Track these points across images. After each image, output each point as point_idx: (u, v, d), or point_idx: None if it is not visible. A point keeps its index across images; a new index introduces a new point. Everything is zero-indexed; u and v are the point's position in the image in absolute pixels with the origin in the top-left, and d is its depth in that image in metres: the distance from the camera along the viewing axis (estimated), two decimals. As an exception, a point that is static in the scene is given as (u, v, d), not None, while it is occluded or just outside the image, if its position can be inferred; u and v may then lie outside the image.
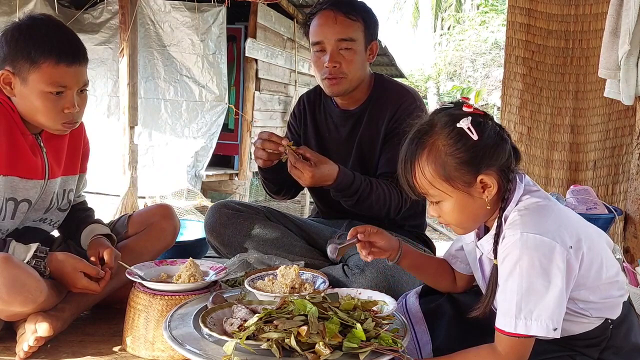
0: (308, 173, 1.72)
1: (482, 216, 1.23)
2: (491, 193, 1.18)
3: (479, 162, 1.17)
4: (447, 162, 1.17)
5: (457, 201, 1.19)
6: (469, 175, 1.17)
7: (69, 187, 1.78)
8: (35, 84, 1.52)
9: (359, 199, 1.84)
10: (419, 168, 1.20)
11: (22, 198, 1.61)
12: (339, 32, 1.86)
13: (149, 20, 6.68)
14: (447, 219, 1.24)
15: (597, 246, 1.21)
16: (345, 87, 1.92)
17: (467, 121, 1.15)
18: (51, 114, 1.56)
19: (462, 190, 1.18)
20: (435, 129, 1.19)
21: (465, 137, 1.15)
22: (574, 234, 1.16)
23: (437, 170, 1.17)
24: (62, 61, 1.52)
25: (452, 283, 1.50)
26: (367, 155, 1.97)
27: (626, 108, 3.03)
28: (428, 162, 1.18)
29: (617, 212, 2.53)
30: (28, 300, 1.44)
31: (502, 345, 1.15)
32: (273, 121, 8.10)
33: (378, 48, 1.97)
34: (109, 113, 6.81)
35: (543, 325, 1.11)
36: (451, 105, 1.22)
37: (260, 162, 1.83)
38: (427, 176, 1.19)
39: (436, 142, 1.18)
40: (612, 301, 1.23)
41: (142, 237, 1.88)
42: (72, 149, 1.78)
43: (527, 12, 3.33)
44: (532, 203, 1.19)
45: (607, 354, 1.25)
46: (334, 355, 1.09)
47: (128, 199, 5.68)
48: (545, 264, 1.11)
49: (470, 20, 15.18)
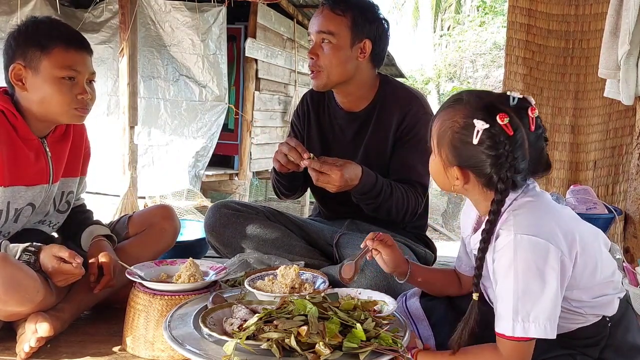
0: (337, 173, 1.69)
1: (448, 189, 1.28)
2: (459, 184, 1.22)
3: (461, 159, 1.19)
4: (446, 132, 1.21)
5: (436, 163, 1.26)
6: (451, 157, 1.21)
7: (68, 189, 1.78)
8: (47, 70, 1.56)
9: (381, 201, 1.82)
10: (436, 116, 1.26)
11: (26, 203, 1.62)
12: (319, 24, 1.88)
13: (150, 20, 6.68)
14: (429, 169, 1.31)
15: (592, 246, 1.21)
16: (323, 81, 1.90)
17: (481, 125, 1.14)
18: (65, 99, 1.59)
19: (442, 160, 1.23)
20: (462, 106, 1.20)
21: (470, 134, 1.16)
22: (568, 233, 1.16)
23: (439, 130, 1.23)
24: (71, 46, 1.59)
25: (458, 290, 1.51)
26: (373, 160, 1.94)
27: (626, 108, 3.03)
28: (441, 119, 1.23)
29: (617, 212, 2.53)
30: (25, 300, 1.44)
31: (503, 348, 1.15)
32: (273, 121, 8.10)
33: (371, 48, 1.91)
34: (108, 112, 6.82)
35: (541, 326, 1.11)
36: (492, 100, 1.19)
37: (277, 165, 1.82)
38: (434, 127, 1.25)
39: (455, 115, 1.20)
40: (606, 298, 1.23)
41: (143, 237, 1.88)
42: (74, 152, 1.78)
43: (528, 12, 3.33)
44: (525, 202, 1.19)
45: (607, 353, 1.25)
46: (334, 355, 1.09)
47: (128, 199, 5.67)
48: (540, 265, 1.11)
49: (470, 21, 15.19)
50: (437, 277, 1.53)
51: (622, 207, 2.92)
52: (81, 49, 1.62)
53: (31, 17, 1.64)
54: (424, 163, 1.95)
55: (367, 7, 1.92)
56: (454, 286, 1.51)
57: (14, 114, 1.59)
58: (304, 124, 2.13)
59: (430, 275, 1.53)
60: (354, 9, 1.87)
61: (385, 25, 1.96)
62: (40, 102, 1.59)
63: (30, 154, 1.62)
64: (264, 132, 7.85)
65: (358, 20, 1.87)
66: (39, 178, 1.64)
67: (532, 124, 1.16)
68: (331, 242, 2.01)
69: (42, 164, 1.65)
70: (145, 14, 6.58)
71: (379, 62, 1.99)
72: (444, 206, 11.85)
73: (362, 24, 1.88)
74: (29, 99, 1.59)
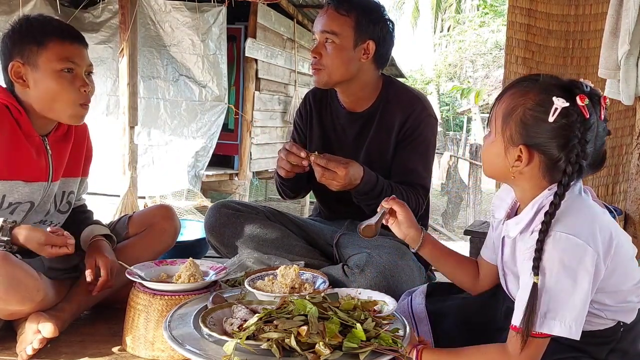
0: (343, 171, 1.70)
1: (501, 176, 1.26)
2: (518, 167, 1.19)
3: (529, 137, 1.17)
4: (516, 110, 1.18)
5: (495, 145, 1.22)
6: (517, 136, 1.18)
7: (69, 189, 1.78)
8: (46, 64, 1.57)
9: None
10: (502, 95, 1.23)
11: (24, 200, 1.62)
12: (323, 24, 1.88)
13: (150, 20, 6.68)
14: (483, 154, 1.28)
15: (626, 252, 1.20)
16: (324, 79, 1.91)
17: (561, 102, 1.13)
18: (69, 93, 1.60)
19: (504, 140, 1.20)
20: (538, 84, 1.19)
21: (546, 111, 1.14)
22: (606, 237, 1.14)
23: (507, 107, 1.19)
24: (66, 38, 1.61)
25: (473, 281, 1.48)
26: (375, 160, 1.94)
27: (626, 108, 3.02)
28: (511, 97, 1.20)
29: (617, 212, 2.52)
30: (25, 299, 1.44)
31: (515, 345, 1.13)
32: (273, 121, 8.10)
33: (375, 49, 1.90)
34: (108, 112, 6.82)
35: (566, 326, 1.09)
36: (581, 85, 1.19)
37: (283, 172, 1.83)
38: (500, 105, 1.22)
39: (529, 92, 1.18)
40: (628, 306, 1.23)
41: (143, 237, 1.88)
42: (75, 151, 1.78)
43: (528, 12, 3.33)
44: (568, 200, 1.17)
45: (613, 357, 1.24)
46: (334, 355, 1.09)
47: (128, 199, 5.67)
48: (575, 265, 1.10)
49: (470, 21, 15.19)
50: (451, 257, 1.50)
51: (622, 207, 2.92)
52: (76, 41, 1.64)
53: (24, 16, 1.65)
54: (425, 165, 1.96)
55: (372, 7, 1.91)
56: (468, 275, 1.48)
57: (18, 109, 1.59)
58: (307, 123, 2.13)
59: (444, 252, 1.50)
60: (358, 10, 1.87)
61: (390, 26, 1.95)
62: (44, 98, 1.59)
63: (31, 150, 1.62)
64: (264, 132, 7.85)
65: (362, 21, 1.87)
66: (38, 175, 1.64)
67: (603, 113, 1.17)
68: (331, 242, 2.01)
69: (42, 161, 1.65)
70: (145, 14, 6.59)
71: (382, 63, 1.98)
72: (444, 206, 11.85)
73: (366, 24, 1.87)
74: (30, 96, 1.60)
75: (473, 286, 1.49)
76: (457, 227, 10.62)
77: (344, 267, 1.81)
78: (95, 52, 6.67)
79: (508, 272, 1.30)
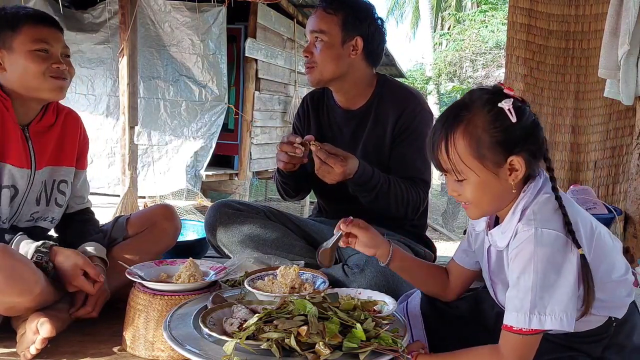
0: (340, 169, 1.73)
1: (503, 200, 1.22)
2: (517, 177, 1.18)
3: (513, 144, 1.16)
4: (482, 139, 1.16)
5: (482, 181, 1.18)
6: (500, 156, 1.16)
7: (59, 177, 1.77)
8: (20, 46, 1.62)
9: (378, 194, 1.84)
10: (452, 141, 1.18)
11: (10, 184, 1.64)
12: (313, 24, 1.94)
13: (149, 20, 6.68)
14: (467, 198, 1.21)
15: (609, 243, 1.22)
16: (316, 77, 1.95)
17: (509, 102, 1.15)
18: (39, 67, 1.63)
19: (490, 171, 1.17)
20: (475, 105, 1.18)
21: (504, 118, 1.15)
22: (587, 229, 1.17)
23: (471, 146, 1.16)
24: (39, 22, 1.65)
25: (441, 290, 1.48)
26: (372, 157, 1.96)
27: (626, 108, 3.03)
28: (464, 136, 1.17)
29: (617, 212, 2.53)
30: (25, 291, 1.45)
31: (507, 345, 1.13)
32: (273, 121, 8.10)
33: (363, 45, 1.93)
34: (108, 113, 6.82)
35: (557, 318, 1.10)
36: (490, 88, 1.21)
37: (282, 164, 1.85)
38: (459, 150, 1.17)
39: (474, 118, 1.16)
40: (618, 301, 1.24)
41: (143, 237, 1.88)
42: (64, 140, 1.79)
43: (528, 12, 3.33)
44: (544, 198, 1.19)
45: (610, 353, 1.25)
46: (334, 355, 1.09)
47: (128, 199, 5.67)
48: (559, 259, 1.11)
49: (470, 19, 15.18)
50: (421, 268, 1.49)
51: (622, 207, 2.92)
52: (50, 25, 1.68)
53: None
54: (423, 159, 1.96)
55: (360, 6, 1.96)
56: (438, 284, 1.48)
57: (2, 95, 1.63)
58: (304, 124, 2.15)
59: (413, 263, 1.48)
60: (346, 9, 1.92)
61: (379, 23, 1.98)
62: (20, 77, 1.63)
63: (18, 135, 1.65)
64: (264, 132, 7.85)
65: (349, 19, 1.91)
66: (24, 161, 1.66)
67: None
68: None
69: (26, 148, 1.68)
70: (145, 14, 6.59)
71: (374, 60, 2.01)
72: (444, 206, 11.85)
73: (352, 22, 1.92)
74: (8, 79, 1.64)
75: (444, 293, 1.48)
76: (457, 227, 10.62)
77: (344, 267, 1.81)
78: (95, 52, 6.68)
79: (497, 281, 1.30)
